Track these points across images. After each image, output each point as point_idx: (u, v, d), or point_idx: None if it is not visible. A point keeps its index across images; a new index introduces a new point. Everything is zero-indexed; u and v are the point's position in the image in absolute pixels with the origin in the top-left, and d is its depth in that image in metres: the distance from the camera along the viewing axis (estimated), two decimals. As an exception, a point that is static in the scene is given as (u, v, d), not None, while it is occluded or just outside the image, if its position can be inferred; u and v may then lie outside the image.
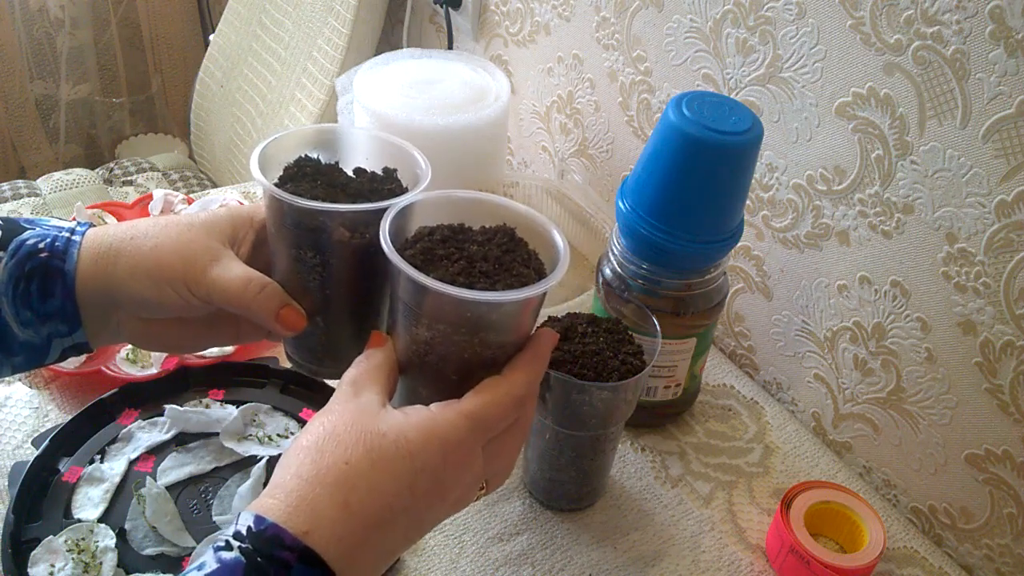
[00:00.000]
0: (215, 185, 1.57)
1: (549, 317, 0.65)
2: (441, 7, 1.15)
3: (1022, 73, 0.56)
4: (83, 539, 0.59)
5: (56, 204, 1.37)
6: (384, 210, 0.49)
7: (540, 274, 0.49)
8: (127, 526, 0.61)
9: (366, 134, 0.58)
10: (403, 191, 0.54)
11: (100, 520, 0.61)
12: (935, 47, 0.60)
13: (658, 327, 0.64)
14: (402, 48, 1.03)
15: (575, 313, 0.66)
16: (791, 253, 0.77)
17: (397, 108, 0.87)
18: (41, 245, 0.49)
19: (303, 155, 0.54)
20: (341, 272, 0.52)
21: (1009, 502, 0.66)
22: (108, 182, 1.48)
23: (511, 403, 0.46)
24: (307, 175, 0.52)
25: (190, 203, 0.92)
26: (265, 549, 0.38)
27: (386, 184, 0.54)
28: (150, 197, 0.93)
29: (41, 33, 1.69)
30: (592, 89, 0.95)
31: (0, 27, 1.61)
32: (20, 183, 1.41)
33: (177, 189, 1.46)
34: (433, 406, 0.45)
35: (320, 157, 0.54)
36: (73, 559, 0.58)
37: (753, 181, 0.73)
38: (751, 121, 0.62)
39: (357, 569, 0.41)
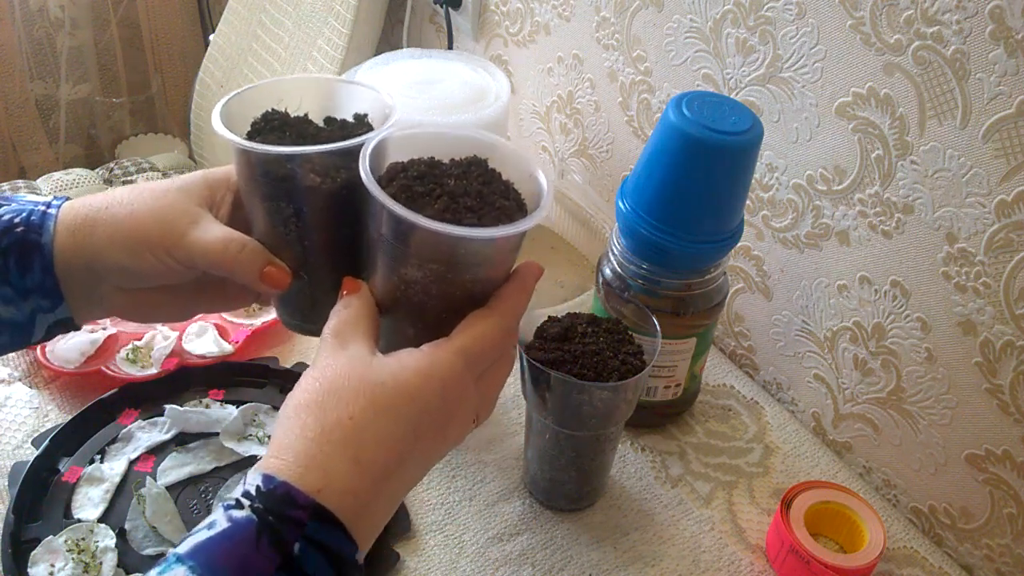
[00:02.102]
0: (215, 185, 1.57)
1: (549, 317, 0.65)
2: (441, 7, 1.15)
3: (1022, 73, 0.56)
4: (83, 539, 0.59)
5: (56, 204, 1.37)
6: (352, 150, 0.47)
7: (521, 206, 0.48)
8: (127, 526, 0.61)
9: (330, 81, 0.57)
10: (371, 130, 0.53)
11: (100, 520, 0.61)
12: (935, 47, 0.60)
13: (658, 327, 0.64)
14: (402, 48, 1.03)
15: (575, 313, 0.66)
16: (791, 253, 0.77)
17: (397, 108, 0.87)
18: (17, 220, 0.48)
19: (270, 109, 0.52)
20: (316, 220, 0.51)
21: (1009, 502, 0.66)
22: (108, 182, 1.48)
23: (500, 335, 0.46)
24: (274, 128, 0.51)
25: (190, 203, 0.92)
26: (277, 508, 0.38)
27: (357, 129, 0.53)
28: (150, 197, 0.92)
29: (41, 33, 1.69)
30: (592, 89, 0.95)
31: (0, 27, 1.61)
32: (20, 183, 1.41)
33: (177, 189, 1.46)
34: (425, 347, 0.45)
35: (287, 110, 0.53)
36: (73, 559, 0.58)
37: (753, 181, 0.73)
38: (751, 121, 0.62)
39: (368, 521, 0.41)
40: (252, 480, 0.39)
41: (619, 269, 0.70)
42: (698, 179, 0.63)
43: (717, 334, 0.89)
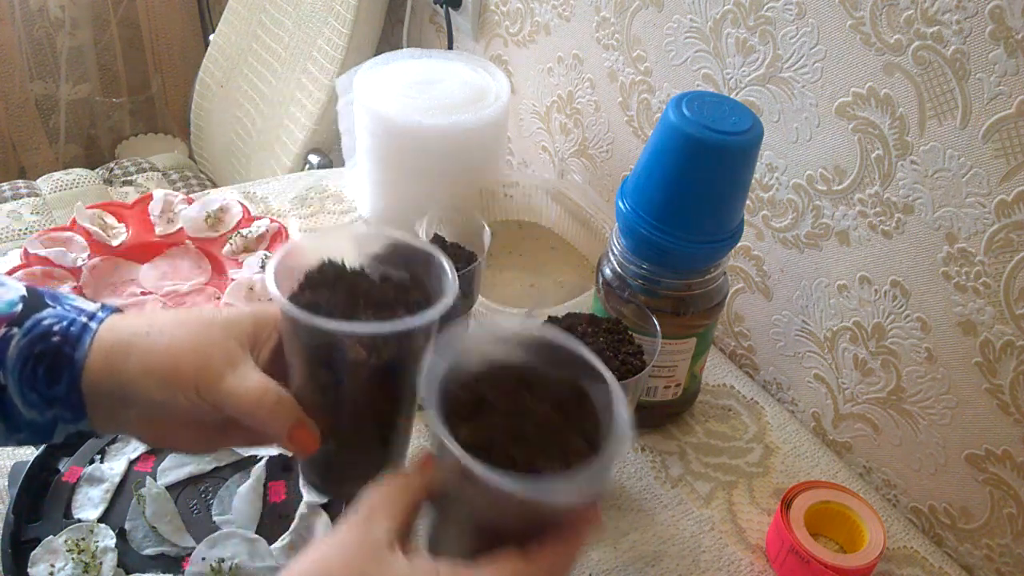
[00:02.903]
0: (215, 185, 1.57)
1: (549, 317, 0.65)
2: (441, 7, 1.15)
3: (1022, 73, 0.56)
4: (83, 539, 0.59)
5: (56, 204, 1.37)
6: (405, 333, 0.43)
7: (595, 446, 0.42)
8: (127, 526, 0.61)
9: (394, 237, 0.52)
10: (429, 301, 0.47)
11: (100, 520, 0.61)
12: (935, 47, 0.60)
13: (658, 327, 0.64)
14: (402, 48, 1.03)
15: (575, 313, 0.66)
16: (791, 253, 0.77)
17: (397, 108, 0.87)
18: (56, 328, 0.47)
19: (327, 260, 0.48)
20: (356, 393, 0.48)
21: (1009, 502, 0.66)
22: (108, 182, 1.48)
23: None
24: (327, 282, 0.48)
25: (190, 203, 0.92)
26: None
27: (411, 294, 0.48)
28: (150, 197, 0.93)
29: (41, 33, 1.69)
30: (592, 89, 0.95)
31: (0, 27, 1.61)
32: (20, 183, 1.42)
33: (177, 189, 1.46)
34: (441, 567, 0.40)
35: (345, 261, 0.49)
36: (73, 559, 0.58)
37: (753, 181, 0.73)
38: (751, 121, 0.62)
39: None
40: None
41: (619, 269, 0.70)
42: (698, 179, 0.63)
43: (717, 334, 0.89)
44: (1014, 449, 0.64)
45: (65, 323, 0.47)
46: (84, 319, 0.47)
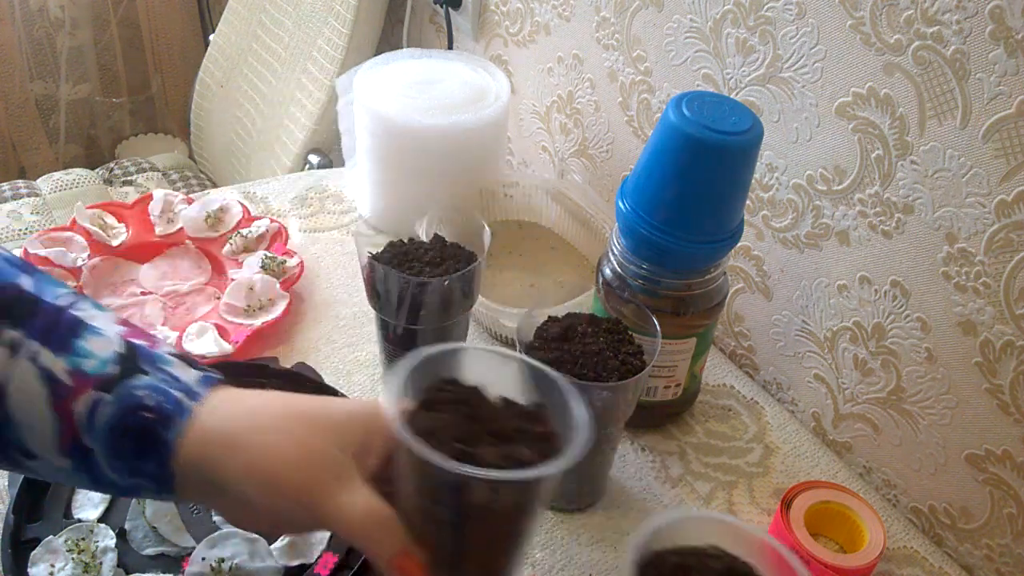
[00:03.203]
0: (215, 185, 1.57)
1: (549, 317, 0.65)
2: (441, 7, 1.15)
3: (1022, 73, 0.56)
4: (83, 539, 0.59)
5: (56, 204, 1.37)
6: (538, 481, 0.41)
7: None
8: (127, 526, 0.61)
9: (513, 359, 0.50)
10: (555, 435, 0.45)
11: (100, 520, 0.61)
12: (935, 47, 0.60)
13: (658, 327, 0.64)
14: (402, 48, 1.03)
15: (575, 313, 0.66)
16: (791, 253, 0.77)
17: (397, 108, 0.87)
18: (151, 404, 0.44)
19: (441, 377, 0.46)
20: (473, 534, 0.45)
21: (1009, 502, 0.66)
22: (108, 182, 1.48)
23: None
24: (446, 403, 0.45)
25: (190, 203, 0.92)
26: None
27: (536, 427, 0.46)
28: (150, 197, 0.93)
29: (41, 33, 1.69)
30: (592, 89, 0.95)
31: (0, 27, 1.61)
32: (20, 183, 1.42)
33: (177, 189, 1.46)
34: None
35: (461, 380, 0.47)
36: (73, 559, 0.58)
37: (753, 181, 0.73)
38: (751, 121, 0.62)
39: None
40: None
41: (619, 269, 0.70)
42: (698, 179, 0.63)
43: (717, 334, 0.89)
44: (1014, 449, 0.64)
45: (161, 398, 0.44)
46: (180, 394, 0.45)
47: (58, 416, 0.43)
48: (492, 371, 0.48)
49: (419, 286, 0.66)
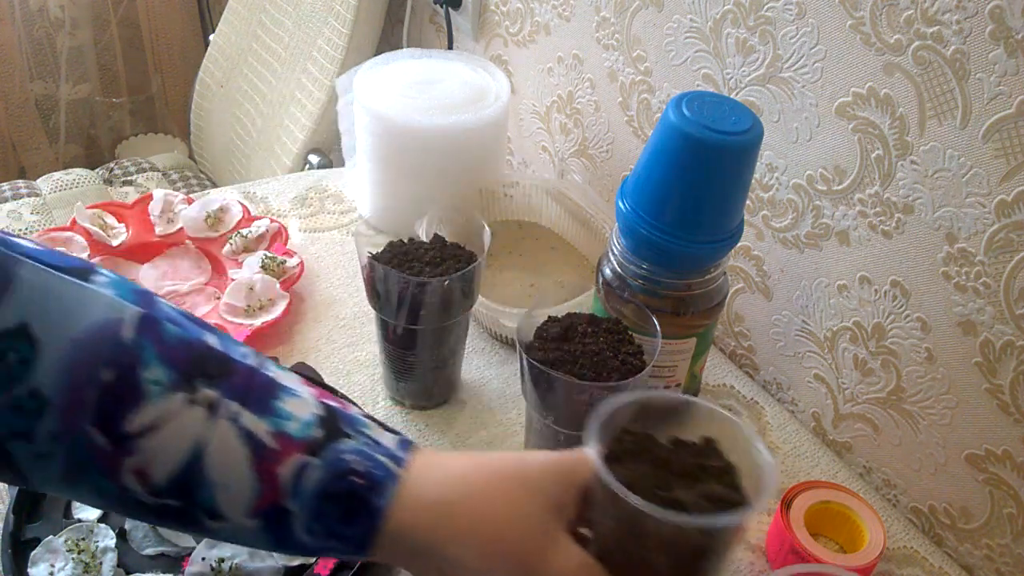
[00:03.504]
0: (215, 185, 1.57)
1: (549, 317, 0.65)
2: (441, 7, 1.15)
3: (1022, 73, 0.56)
4: (83, 539, 0.59)
5: (56, 204, 1.37)
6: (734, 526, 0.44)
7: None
8: (127, 526, 0.61)
9: (679, 401, 0.53)
10: (732, 466, 0.48)
11: (100, 520, 0.61)
12: (935, 47, 0.60)
13: (658, 327, 0.64)
14: (402, 48, 1.03)
15: (575, 313, 0.66)
16: (791, 253, 0.77)
17: (397, 108, 0.87)
18: (359, 468, 0.44)
19: (621, 427, 0.48)
20: (665, 571, 0.46)
21: (1009, 502, 0.66)
22: (108, 182, 1.48)
23: None
24: (632, 453, 0.47)
25: (190, 203, 0.92)
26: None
27: (711, 459, 0.48)
28: (150, 197, 0.93)
29: (41, 33, 1.69)
30: (592, 89, 0.95)
31: (0, 27, 1.61)
32: (20, 183, 1.41)
33: (177, 189, 1.46)
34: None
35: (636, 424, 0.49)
36: (73, 559, 0.58)
37: (753, 181, 0.73)
38: (751, 121, 0.62)
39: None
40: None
41: (619, 269, 0.70)
42: (698, 179, 0.62)
43: (717, 334, 0.89)
44: (1014, 449, 0.64)
45: (369, 463, 0.44)
46: (385, 459, 0.45)
47: (260, 478, 0.42)
48: (656, 414, 0.51)
49: (419, 286, 0.66)
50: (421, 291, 0.67)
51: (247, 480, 0.42)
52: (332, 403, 0.46)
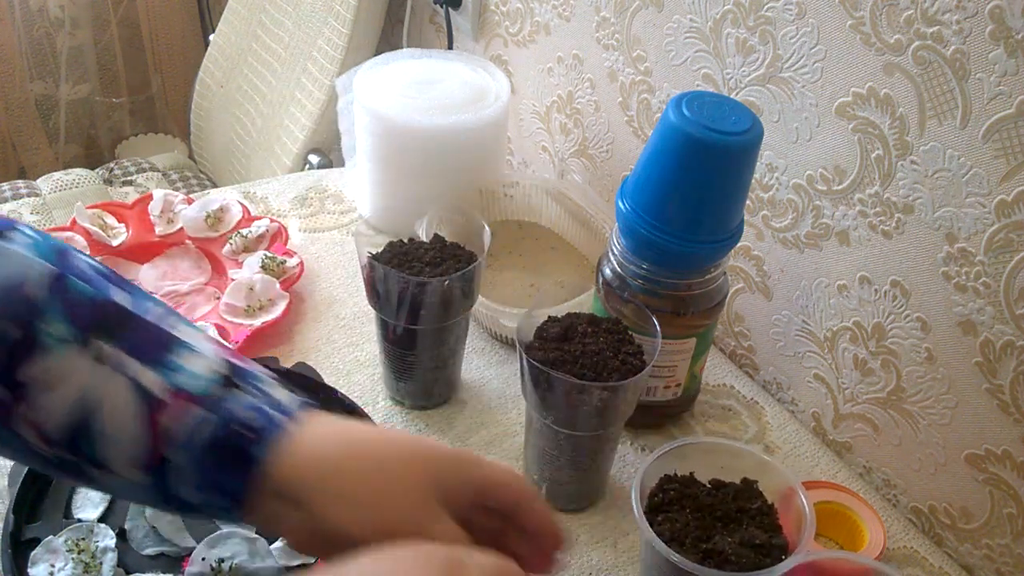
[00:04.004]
0: (215, 185, 1.57)
1: (549, 317, 0.65)
2: (441, 7, 1.15)
3: (1022, 73, 0.56)
4: (83, 539, 0.59)
5: (56, 204, 1.37)
6: None
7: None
8: (127, 526, 0.61)
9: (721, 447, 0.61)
10: (772, 507, 0.58)
11: (100, 520, 0.61)
12: (935, 47, 0.60)
13: (658, 327, 0.64)
14: (402, 48, 1.03)
15: (575, 313, 0.66)
16: (791, 253, 0.77)
17: (397, 108, 0.87)
18: (252, 424, 0.44)
19: (663, 474, 0.58)
20: None
21: (1009, 502, 0.66)
22: (108, 182, 1.48)
23: None
24: (674, 502, 0.57)
25: (190, 203, 0.92)
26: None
27: (751, 501, 0.58)
28: (150, 197, 0.93)
29: (41, 33, 1.68)
30: (592, 89, 0.95)
31: (0, 27, 1.61)
32: (20, 183, 1.41)
33: (177, 189, 1.46)
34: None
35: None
36: (73, 559, 0.58)
37: (753, 181, 0.73)
38: (751, 121, 0.62)
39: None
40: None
41: (619, 269, 0.70)
42: (698, 179, 0.63)
43: (717, 334, 0.89)
44: (1014, 449, 0.64)
45: (262, 419, 0.45)
46: (280, 417, 0.45)
47: (150, 431, 0.43)
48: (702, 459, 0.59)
49: (419, 286, 0.66)
50: (421, 291, 0.67)
51: (136, 433, 0.43)
52: (233, 359, 0.47)
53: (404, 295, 0.67)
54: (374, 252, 0.70)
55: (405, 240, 0.72)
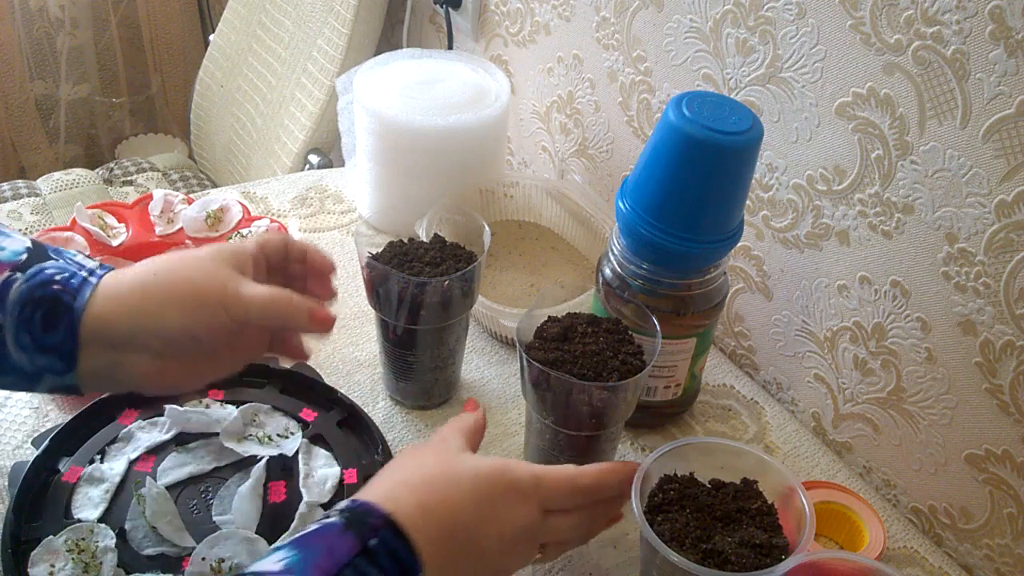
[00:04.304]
0: (215, 185, 1.57)
1: (549, 317, 0.65)
2: (441, 7, 1.15)
3: (1022, 73, 0.56)
4: (83, 539, 0.59)
5: (56, 204, 1.37)
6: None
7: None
8: (127, 526, 0.60)
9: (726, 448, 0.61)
10: (772, 507, 0.59)
11: (100, 520, 0.61)
12: (935, 47, 0.60)
13: (658, 327, 0.64)
14: (402, 48, 1.03)
15: (575, 313, 0.66)
16: (791, 253, 0.77)
17: (397, 108, 0.87)
18: (58, 278, 0.50)
19: (662, 475, 0.60)
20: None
21: (1009, 502, 0.66)
22: (108, 182, 1.48)
23: (575, 486, 0.53)
24: (674, 502, 0.59)
25: (190, 203, 0.92)
26: (359, 515, 0.46)
27: (751, 501, 0.59)
28: (150, 197, 0.92)
29: (41, 33, 1.69)
30: (592, 89, 0.95)
31: (0, 27, 1.61)
32: (20, 183, 1.41)
33: (177, 189, 1.46)
34: (511, 459, 0.53)
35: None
36: (73, 559, 0.58)
37: (753, 181, 0.73)
38: (751, 121, 0.62)
39: (430, 554, 0.47)
40: (342, 504, 0.48)
41: (619, 269, 0.70)
42: (698, 179, 0.62)
43: (717, 334, 0.89)
44: (1014, 449, 0.64)
45: (67, 274, 0.50)
46: (84, 273, 0.51)
47: None
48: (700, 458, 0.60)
49: (419, 286, 0.66)
50: (421, 291, 0.67)
51: None
52: (45, 244, 0.53)
53: (404, 295, 0.67)
54: (374, 252, 0.70)
55: (405, 240, 0.72)
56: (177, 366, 0.53)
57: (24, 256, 0.50)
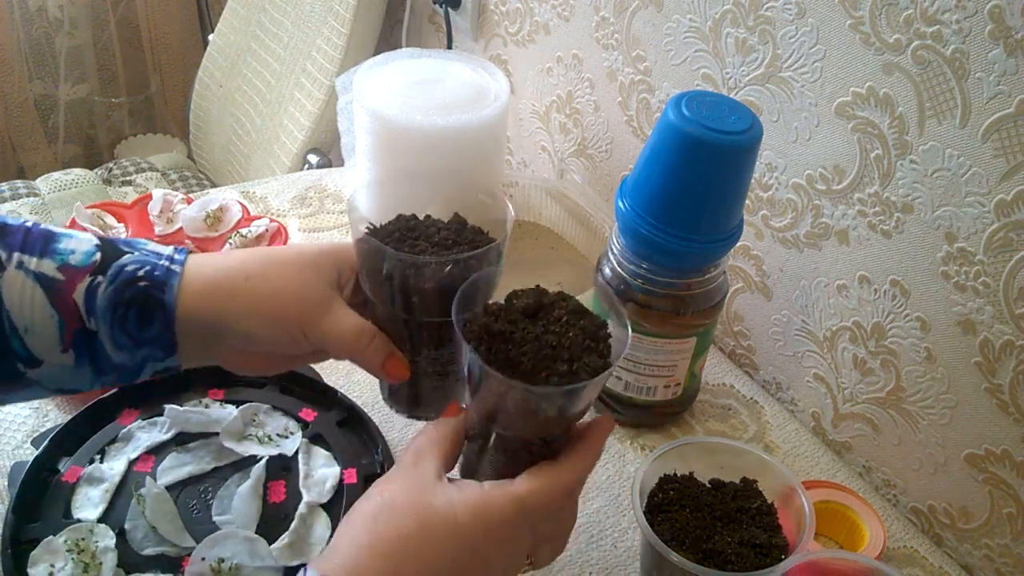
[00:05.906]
0: (214, 185, 1.57)
1: (537, 287, 0.60)
2: (440, 7, 1.15)
3: (1021, 73, 0.56)
4: (83, 539, 0.59)
5: (55, 204, 1.37)
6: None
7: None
8: (127, 526, 0.60)
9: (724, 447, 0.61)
10: (772, 506, 0.58)
11: (100, 520, 0.61)
12: (935, 47, 0.60)
13: (628, 328, 0.53)
14: (401, 48, 1.03)
15: (564, 295, 0.60)
16: (791, 253, 0.77)
17: (397, 108, 0.87)
18: (141, 273, 0.49)
19: (663, 475, 0.59)
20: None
21: (1009, 502, 0.66)
22: (107, 182, 1.48)
23: (561, 492, 0.48)
24: (675, 502, 0.59)
25: (189, 203, 0.92)
26: None
27: (751, 500, 0.59)
28: (149, 197, 0.92)
29: (40, 33, 1.69)
30: (591, 89, 0.95)
31: (0, 27, 1.61)
32: (19, 183, 1.41)
33: (176, 189, 1.46)
34: (486, 484, 0.47)
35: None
36: (73, 559, 0.58)
37: (753, 181, 0.73)
38: (751, 121, 0.62)
39: None
40: (302, 573, 0.43)
41: (619, 269, 0.70)
42: (698, 179, 0.63)
43: (717, 334, 0.89)
44: (1014, 449, 0.64)
45: (148, 267, 0.50)
46: (165, 263, 0.50)
47: (58, 310, 0.47)
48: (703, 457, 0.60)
49: (412, 267, 0.53)
50: (415, 274, 0.54)
51: (48, 316, 0.47)
52: (111, 237, 0.52)
53: (394, 276, 0.53)
54: (374, 225, 0.58)
55: (420, 217, 0.60)
56: (262, 358, 0.54)
57: (97, 256, 0.49)
